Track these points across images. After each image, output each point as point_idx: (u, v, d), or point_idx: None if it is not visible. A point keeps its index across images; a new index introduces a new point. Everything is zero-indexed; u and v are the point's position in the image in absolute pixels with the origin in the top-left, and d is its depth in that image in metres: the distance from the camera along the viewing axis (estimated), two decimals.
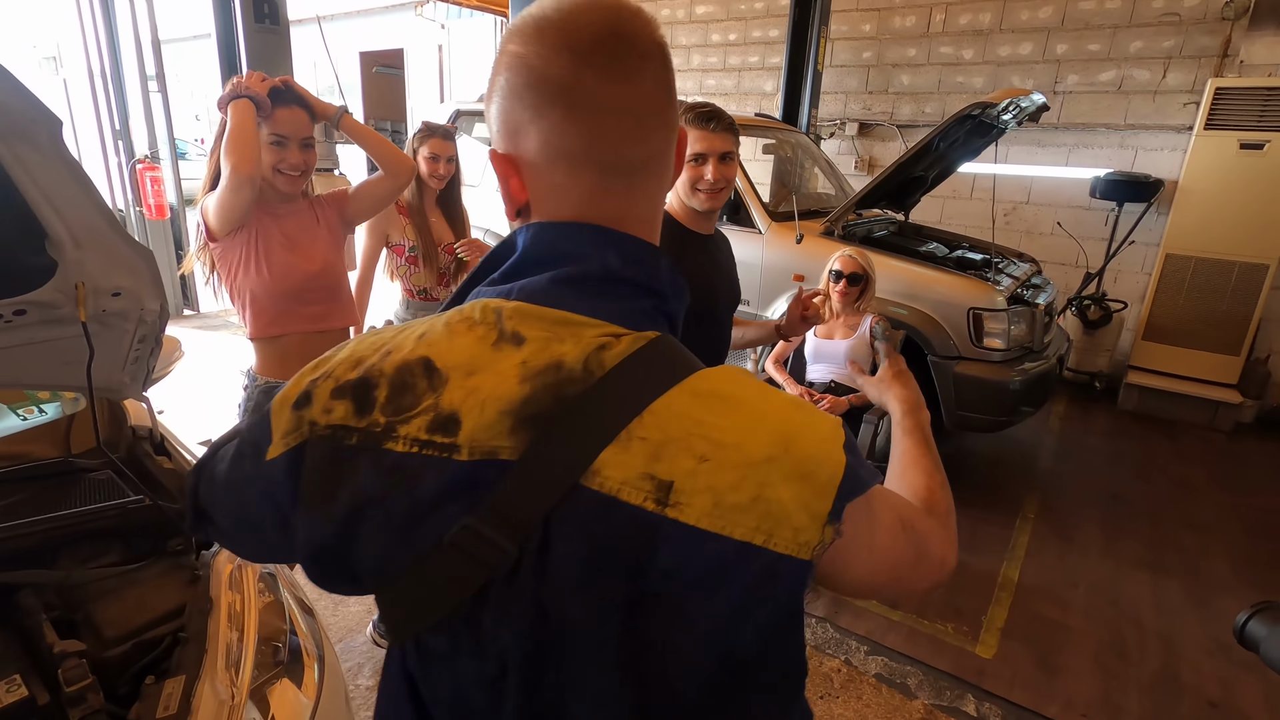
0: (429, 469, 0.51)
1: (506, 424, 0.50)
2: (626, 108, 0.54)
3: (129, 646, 1.19)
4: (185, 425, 3.80)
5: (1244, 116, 4.16)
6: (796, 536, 0.49)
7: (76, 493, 1.41)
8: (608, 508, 0.49)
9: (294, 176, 1.70)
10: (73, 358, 1.33)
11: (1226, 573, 2.95)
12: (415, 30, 10.75)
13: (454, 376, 0.52)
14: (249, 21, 2.61)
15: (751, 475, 0.49)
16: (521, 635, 0.51)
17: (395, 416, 0.52)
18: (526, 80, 0.54)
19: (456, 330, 0.54)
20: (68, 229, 1.15)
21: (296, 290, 1.72)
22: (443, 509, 0.51)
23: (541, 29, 0.53)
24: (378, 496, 0.52)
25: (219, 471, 0.63)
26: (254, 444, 0.59)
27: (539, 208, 0.58)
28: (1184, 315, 4.56)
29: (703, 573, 0.48)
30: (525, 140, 0.56)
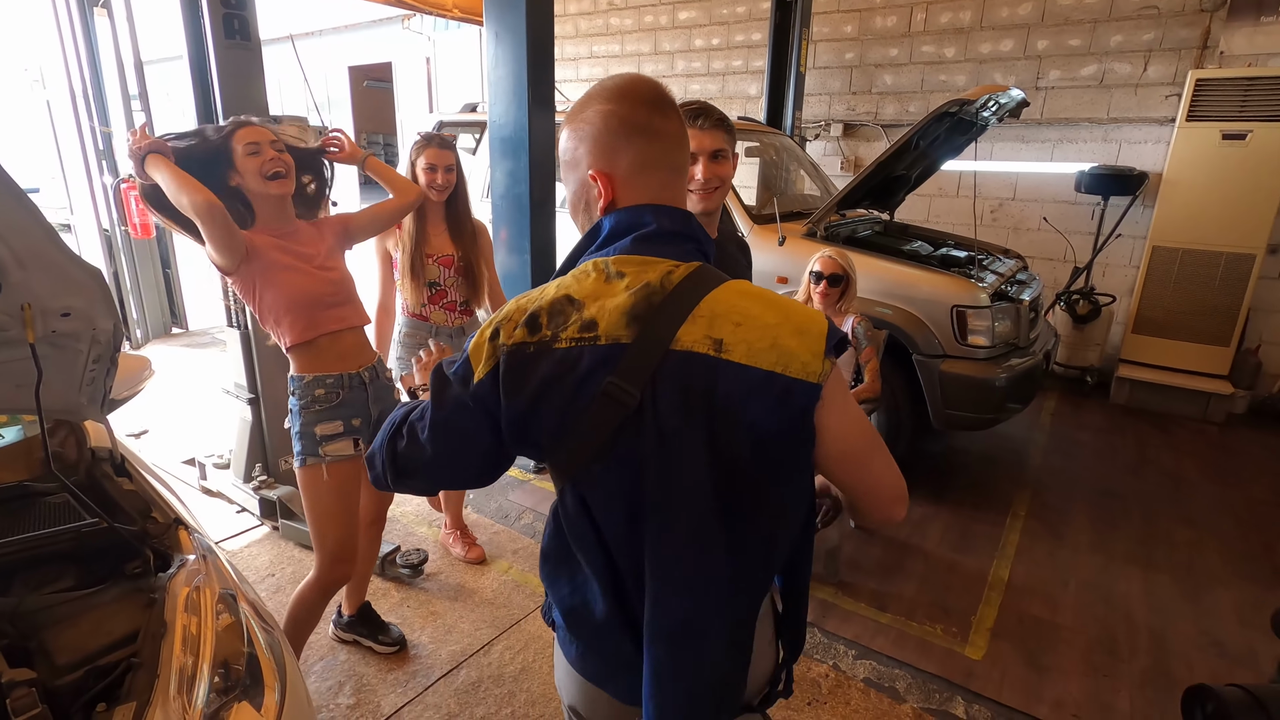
0: (584, 353, 0.84)
1: (624, 321, 0.83)
2: (674, 133, 0.92)
3: (82, 674, 1.16)
4: (171, 444, 3.79)
5: (1225, 107, 4.16)
6: (804, 368, 0.81)
7: (32, 517, 1.39)
8: (687, 359, 0.82)
9: (281, 177, 1.78)
10: (25, 380, 1.32)
11: (1218, 566, 2.93)
12: (403, 43, 10.77)
13: (587, 301, 0.86)
14: (219, 38, 2.59)
15: (768, 332, 0.82)
16: (645, 448, 0.83)
17: (558, 329, 0.85)
18: (620, 123, 0.89)
19: (579, 278, 0.89)
20: (10, 250, 1.14)
21: (314, 300, 1.83)
22: (594, 375, 0.83)
23: (620, 93, 0.90)
24: (554, 377, 0.84)
25: (421, 428, 0.92)
26: (462, 379, 0.89)
27: (623, 203, 0.91)
28: (1173, 307, 4.55)
29: (746, 390, 0.81)
30: (619, 159, 0.90)
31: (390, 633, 2.35)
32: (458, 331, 2.64)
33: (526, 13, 3.01)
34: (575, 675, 1.01)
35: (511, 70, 3.14)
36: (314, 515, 1.90)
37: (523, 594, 2.66)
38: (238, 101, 2.67)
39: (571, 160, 0.94)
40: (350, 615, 2.35)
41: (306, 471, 1.86)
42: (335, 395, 1.88)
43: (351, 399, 1.90)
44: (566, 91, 7.18)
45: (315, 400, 1.85)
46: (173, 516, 1.46)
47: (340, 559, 1.93)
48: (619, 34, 7.04)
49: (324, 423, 1.85)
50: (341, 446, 1.87)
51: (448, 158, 2.44)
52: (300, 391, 1.86)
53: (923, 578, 2.79)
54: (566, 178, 0.96)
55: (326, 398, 1.86)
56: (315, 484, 1.86)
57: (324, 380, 1.86)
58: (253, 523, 3.07)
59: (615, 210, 0.91)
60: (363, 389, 1.93)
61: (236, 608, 1.31)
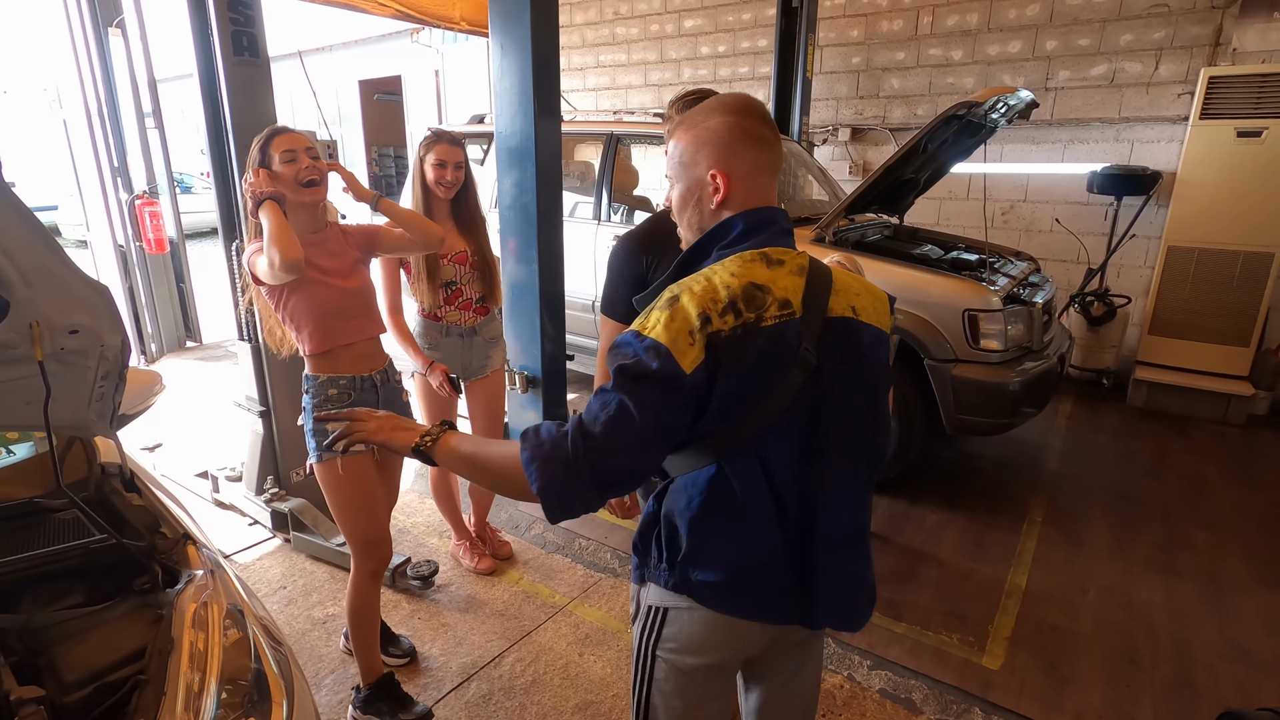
0: (788, 327, 1.01)
1: (798, 298, 1.03)
2: (777, 142, 1.12)
3: (90, 691, 1.16)
4: (184, 457, 3.82)
5: (1240, 104, 4.10)
6: (886, 324, 1.15)
7: (41, 534, 1.39)
8: (840, 323, 1.07)
9: (315, 184, 1.88)
10: (34, 398, 1.32)
11: (1241, 572, 2.86)
12: (412, 56, 10.88)
13: (771, 285, 1.02)
14: (228, 55, 2.63)
15: (869, 300, 1.12)
16: (821, 397, 1.05)
17: (760, 311, 1.00)
18: (742, 132, 1.07)
19: (749, 266, 1.03)
20: (17, 268, 1.14)
21: (334, 311, 1.92)
22: (794, 345, 1.01)
23: (742, 109, 1.08)
24: (766, 351, 1.00)
25: (619, 439, 0.95)
26: (667, 377, 0.95)
27: (735, 198, 1.08)
28: (1190, 308, 4.48)
29: (874, 342, 1.10)
30: (737, 162, 1.07)
31: (400, 644, 2.35)
32: (469, 331, 2.63)
33: (531, 25, 3.02)
34: (722, 623, 1.12)
35: (517, 81, 3.15)
36: (337, 507, 1.98)
37: (533, 605, 2.64)
38: (247, 117, 2.70)
39: (690, 161, 1.09)
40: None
41: (323, 467, 1.94)
42: (347, 396, 1.96)
43: (362, 400, 1.98)
44: (574, 101, 7.21)
45: (328, 400, 1.94)
46: (181, 532, 1.46)
47: (372, 543, 2.01)
48: (625, 43, 7.07)
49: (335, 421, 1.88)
50: None
51: (457, 154, 2.43)
52: (314, 390, 1.95)
53: (938, 586, 2.75)
54: (680, 175, 1.12)
55: (339, 398, 1.95)
56: (333, 476, 1.93)
57: (337, 381, 1.96)
58: (265, 535, 3.08)
59: (739, 212, 1.08)
60: (374, 391, 2.02)
61: (244, 623, 1.30)
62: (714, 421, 1.00)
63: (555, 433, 0.98)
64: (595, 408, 0.97)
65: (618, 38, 7.10)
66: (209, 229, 12.80)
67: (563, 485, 0.95)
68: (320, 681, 2.24)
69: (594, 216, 4.35)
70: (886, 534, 3.12)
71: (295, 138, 1.89)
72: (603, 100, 7.38)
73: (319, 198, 1.92)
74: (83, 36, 4.94)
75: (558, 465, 0.95)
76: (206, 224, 12.53)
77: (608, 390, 0.97)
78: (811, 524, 1.08)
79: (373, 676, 2.07)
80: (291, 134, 1.89)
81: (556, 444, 0.96)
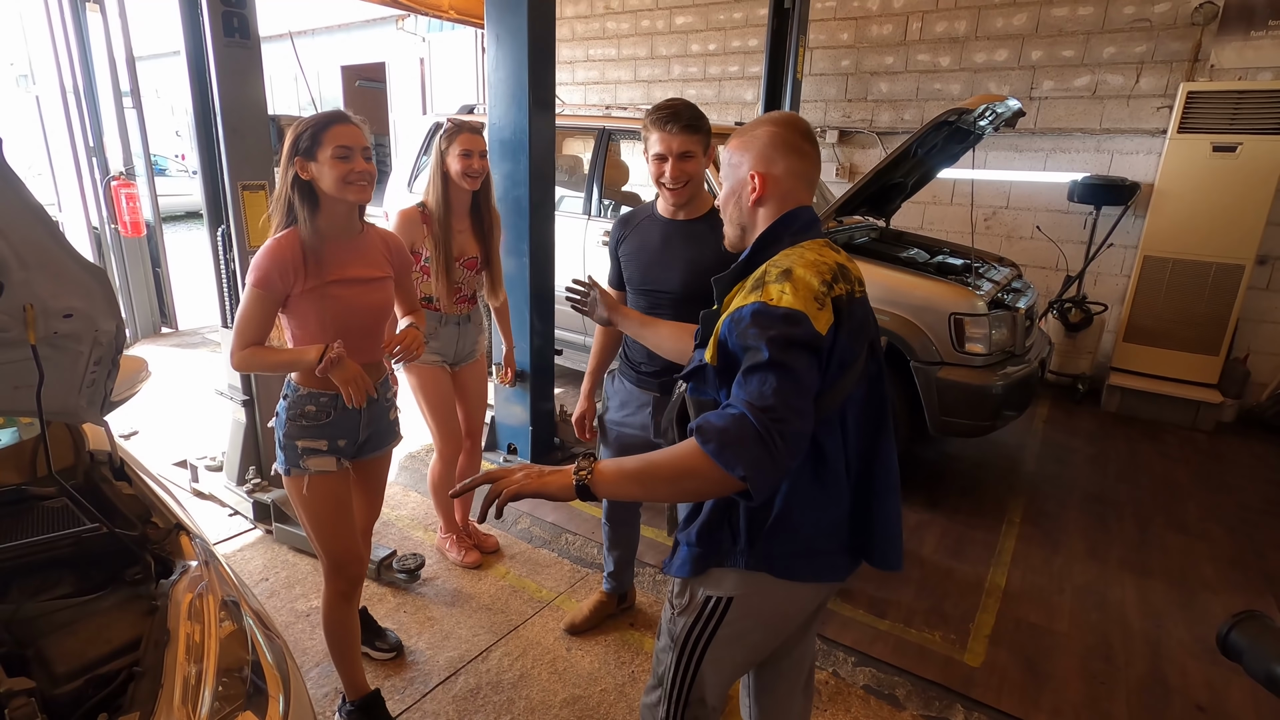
0: (865, 300, 1.20)
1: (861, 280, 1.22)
2: (817, 156, 1.25)
3: (82, 683, 1.14)
4: (161, 445, 3.73)
5: (1216, 119, 4.21)
6: None
7: (29, 521, 1.36)
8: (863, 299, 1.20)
9: (363, 185, 1.67)
10: (24, 382, 1.29)
11: (1210, 573, 2.95)
12: (397, 44, 10.73)
13: (849, 265, 1.19)
14: (218, 36, 2.56)
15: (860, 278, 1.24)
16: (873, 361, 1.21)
17: (852, 285, 1.16)
18: (783, 142, 1.20)
19: (825, 250, 1.17)
20: (12, 249, 1.11)
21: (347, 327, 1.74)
22: (870, 316, 1.21)
23: (786, 123, 1.22)
24: (863, 316, 1.18)
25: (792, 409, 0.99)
26: (809, 340, 1.03)
27: (773, 199, 1.21)
28: (1163, 316, 4.60)
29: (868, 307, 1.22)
30: (774, 167, 1.20)
31: (386, 638, 2.33)
32: (464, 319, 2.64)
33: (528, 16, 3.00)
34: (794, 593, 1.24)
35: (512, 73, 3.13)
36: (306, 525, 1.86)
37: (520, 599, 2.64)
38: (236, 100, 2.65)
39: (736, 163, 1.23)
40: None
41: (291, 480, 1.81)
42: (326, 415, 1.79)
43: (342, 420, 1.81)
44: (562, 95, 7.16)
45: (304, 415, 1.77)
46: (173, 521, 1.43)
47: (342, 563, 1.88)
48: (615, 38, 7.04)
49: (308, 439, 1.78)
50: (323, 463, 1.80)
51: (480, 143, 2.41)
52: (292, 401, 1.79)
53: (920, 584, 2.80)
54: (728, 176, 1.25)
55: (316, 415, 1.78)
56: (299, 493, 1.81)
57: (318, 398, 1.78)
58: (245, 526, 3.03)
59: (801, 207, 1.21)
60: (357, 413, 1.82)
61: (240, 615, 1.28)
62: (825, 384, 1.09)
63: (729, 419, 0.98)
64: (756, 385, 1.00)
65: (608, 32, 7.08)
66: (183, 212, 12.52)
67: (764, 461, 0.96)
68: (305, 674, 2.21)
69: (584, 211, 4.33)
70: None
71: (355, 133, 1.64)
72: (591, 95, 7.36)
73: (363, 200, 1.70)
74: (59, 12, 4.80)
75: (753, 444, 0.96)
76: (180, 207, 12.26)
77: (759, 365, 1.00)
78: (870, 478, 1.21)
79: (357, 693, 1.99)
80: (352, 127, 1.64)
81: (741, 426, 0.97)
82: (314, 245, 1.66)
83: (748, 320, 1.04)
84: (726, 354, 1.10)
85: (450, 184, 2.43)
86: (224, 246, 2.83)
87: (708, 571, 1.22)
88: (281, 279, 1.64)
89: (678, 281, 1.93)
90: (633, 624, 2.52)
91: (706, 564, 1.22)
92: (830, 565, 1.24)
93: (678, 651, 1.29)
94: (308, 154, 1.62)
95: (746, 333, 1.03)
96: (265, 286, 1.63)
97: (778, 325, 1.02)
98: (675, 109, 1.78)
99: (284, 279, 1.64)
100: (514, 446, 3.66)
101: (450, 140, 2.38)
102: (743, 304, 1.07)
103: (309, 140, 1.62)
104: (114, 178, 5.19)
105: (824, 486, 1.17)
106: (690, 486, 1.03)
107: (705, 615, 1.24)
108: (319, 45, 13.21)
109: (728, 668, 1.29)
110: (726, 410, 1.00)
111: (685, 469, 1.00)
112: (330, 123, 1.62)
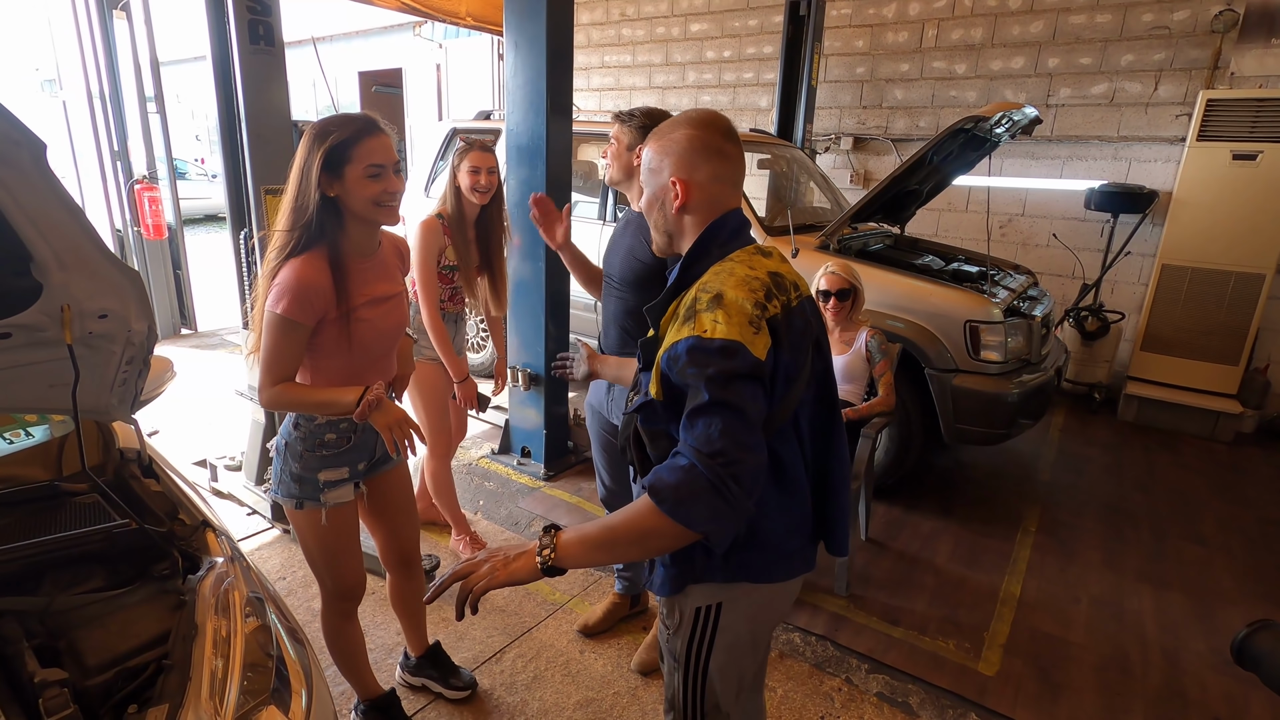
0: (805, 305, 1.19)
1: (800, 281, 1.22)
2: (740, 156, 1.22)
3: (112, 675, 1.16)
4: (181, 445, 3.79)
5: (1236, 127, 4.18)
6: None
7: (62, 517, 1.39)
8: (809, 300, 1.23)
9: (392, 207, 1.54)
10: (59, 380, 1.33)
11: (1229, 585, 2.92)
12: (414, 50, 10.84)
13: (782, 272, 1.17)
14: (244, 44, 2.62)
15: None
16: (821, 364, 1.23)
17: (786, 294, 1.13)
18: (703, 145, 1.16)
19: (756, 259, 1.16)
20: (53, 251, 1.14)
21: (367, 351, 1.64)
22: (813, 319, 1.21)
23: (705, 124, 1.17)
24: (802, 328, 1.14)
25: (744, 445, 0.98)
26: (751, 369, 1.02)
27: (698, 206, 1.18)
28: (1182, 326, 4.56)
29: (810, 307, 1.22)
30: (697, 172, 1.16)
31: (461, 676, 2.22)
32: (461, 316, 2.76)
33: (547, 23, 3.03)
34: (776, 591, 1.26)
35: (530, 79, 3.16)
36: (312, 556, 1.77)
37: (534, 602, 2.65)
38: (260, 107, 2.70)
39: (656, 168, 1.19)
40: (417, 657, 2.21)
41: (302, 515, 1.69)
42: (347, 440, 1.70)
43: (362, 442, 1.74)
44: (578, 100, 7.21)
45: (324, 445, 1.66)
46: (200, 518, 1.46)
47: (349, 587, 1.81)
48: (631, 44, 7.09)
49: (329, 469, 1.68)
50: (343, 493, 1.72)
51: (490, 160, 2.55)
52: (308, 433, 1.65)
53: (934, 592, 2.79)
54: (648, 181, 1.22)
55: (337, 443, 1.68)
56: (313, 528, 1.70)
57: (337, 425, 1.67)
58: (263, 525, 3.07)
59: (728, 213, 1.19)
60: (373, 430, 1.75)
61: (264, 611, 1.31)
62: (773, 403, 1.09)
63: (680, 473, 0.98)
64: (702, 429, 0.98)
65: (623, 39, 7.13)
66: (202, 215, 12.69)
67: (721, 510, 0.96)
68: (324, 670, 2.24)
69: (598, 217, 4.36)
70: (884, 540, 3.15)
71: (388, 146, 1.48)
72: (606, 101, 7.40)
73: (392, 223, 1.58)
74: (87, 19, 4.90)
75: (707, 495, 0.96)
76: (200, 210, 12.43)
77: (702, 407, 0.99)
78: (827, 473, 1.26)
79: (368, 694, 1.96)
80: (384, 138, 1.48)
81: (693, 480, 0.96)
82: (340, 266, 1.51)
83: (685, 359, 1.02)
84: (670, 387, 1.08)
85: (462, 196, 2.57)
86: (247, 250, 2.88)
87: (687, 589, 1.22)
88: (315, 309, 1.48)
89: (616, 267, 2.03)
90: (646, 627, 2.53)
91: (684, 581, 1.21)
92: (802, 558, 1.26)
93: (683, 670, 1.28)
94: (334, 171, 1.46)
95: (685, 371, 1.02)
96: (298, 317, 1.46)
97: (715, 361, 0.99)
98: (632, 110, 1.99)
99: (316, 308, 1.49)
100: (528, 450, 3.69)
101: (461, 157, 2.52)
102: (676, 339, 1.06)
103: (338, 154, 1.45)
104: (137, 181, 5.28)
105: (787, 492, 1.19)
106: (655, 545, 1.03)
107: (699, 628, 1.24)
108: (337, 51, 13.36)
109: (734, 672, 1.29)
110: (676, 463, 0.99)
111: (646, 530, 1.00)
112: (361, 135, 1.45)
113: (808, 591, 2.72)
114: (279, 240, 1.51)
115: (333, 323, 1.53)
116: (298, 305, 1.45)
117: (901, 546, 3.11)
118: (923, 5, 5.46)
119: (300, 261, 1.47)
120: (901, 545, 3.12)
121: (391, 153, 1.49)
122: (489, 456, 3.81)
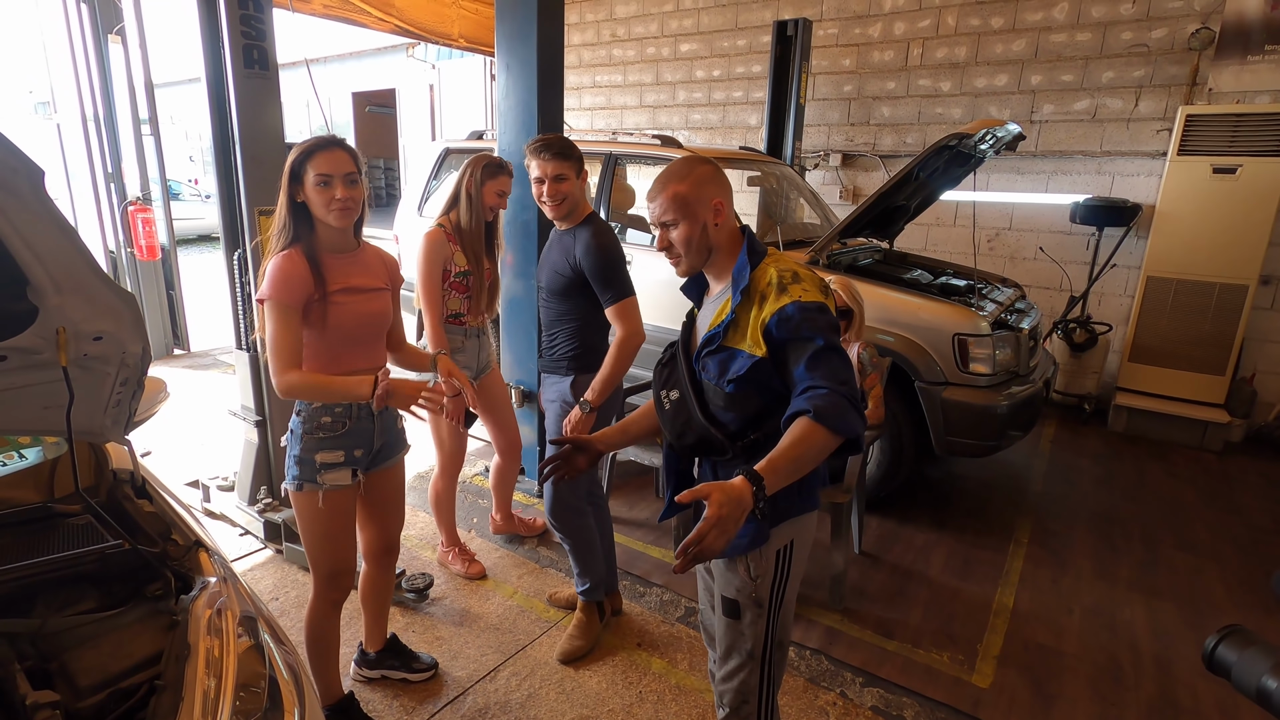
0: None
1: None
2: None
3: (104, 696, 1.17)
4: (174, 465, 3.78)
5: (1215, 142, 4.27)
6: None
7: (55, 538, 1.39)
8: None
9: (343, 210, 1.72)
10: (53, 402, 1.34)
11: (1221, 593, 2.94)
12: (407, 71, 10.95)
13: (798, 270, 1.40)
14: (238, 67, 2.65)
15: None
16: None
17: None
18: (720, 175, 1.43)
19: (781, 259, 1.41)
20: (49, 276, 1.16)
21: (349, 335, 1.82)
22: None
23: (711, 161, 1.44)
24: None
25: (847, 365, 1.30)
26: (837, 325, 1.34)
27: (728, 220, 1.43)
28: (1168, 336, 4.61)
29: None
30: (724, 194, 1.42)
31: (422, 660, 2.33)
32: (484, 330, 2.84)
33: (537, 46, 3.09)
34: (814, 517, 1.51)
35: (521, 100, 3.21)
36: (309, 538, 1.91)
37: (528, 619, 2.65)
38: (255, 129, 2.73)
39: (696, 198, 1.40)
40: (376, 651, 2.30)
41: (302, 496, 1.85)
42: (342, 425, 1.84)
43: (358, 429, 1.87)
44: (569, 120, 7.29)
45: (320, 427, 1.82)
46: (193, 539, 1.47)
47: (339, 574, 1.94)
48: (621, 65, 7.18)
49: (325, 451, 1.83)
50: (340, 476, 1.85)
51: (509, 184, 2.73)
52: (307, 416, 1.83)
53: (927, 605, 2.80)
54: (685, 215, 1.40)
55: (332, 426, 1.83)
56: (310, 509, 1.85)
57: (332, 408, 1.82)
58: (256, 545, 3.06)
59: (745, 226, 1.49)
60: (370, 420, 1.89)
61: (257, 630, 1.31)
62: None
63: (829, 398, 1.22)
64: (826, 367, 1.26)
65: (614, 59, 7.22)
66: (195, 235, 12.70)
67: (858, 421, 1.23)
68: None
69: None
70: (877, 552, 3.16)
71: (337, 158, 1.68)
72: (598, 120, 7.48)
73: (345, 224, 1.75)
74: (82, 43, 4.94)
75: (851, 411, 1.22)
76: (193, 230, 12.45)
77: (820, 351, 1.27)
78: None
79: (331, 699, 2.04)
80: (334, 153, 1.69)
81: (838, 401, 1.22)
82: (315, 259, 1.75)
83: (797, 317, 1.28)
84: (773, 342, 1.32)
85: (477, 209, 2.66)
86: (240, 270, 2.90)
87: (770, 536, 1.42)
88: (299, 288, 1.69)
89: (545, 278, 2.35)
90: (640, 644, 2.53)
91: (773, 524, 1.42)
92: (820, 484, 1.51)
93: (766, 614, 1.46)
94: (297, 180, 1.71)
95: (799, 327, 1.28)
96: (283, 297, 1.67)
97: (819, 316, 1.29)
98: (547, 141, 2.19)
99: (299, 289, 1.70)
100: (521, 467, 3.69)
101: (492, 176, 2.64)
102: (776, 306, 1.31)
103: (298, 166, 1.69)
104: (131, 203, 5.30)
105: None
106: (821, 456, 1.24)
107: (781, 567, 1.45)
108: (331, 72, 13.48)
109: (792, 604, 1.53)
110: (819, 393, 1.23)
111: (819, 445, 1.21)
112: (314, 150, 1.69)
113: (801, 605, 2.73)
114: (269, 246, 1.78)
115: (315, 305, 1.75)
116: (282, 287, 1.68)
117: (895, 559, 3.12)
118: (908, 25, 5.56)
119: (281, 256, 1.72)
120: (895, 558, 3.13)
121: (342, 165, 1.69)
122: (482, 474, 3.81)
